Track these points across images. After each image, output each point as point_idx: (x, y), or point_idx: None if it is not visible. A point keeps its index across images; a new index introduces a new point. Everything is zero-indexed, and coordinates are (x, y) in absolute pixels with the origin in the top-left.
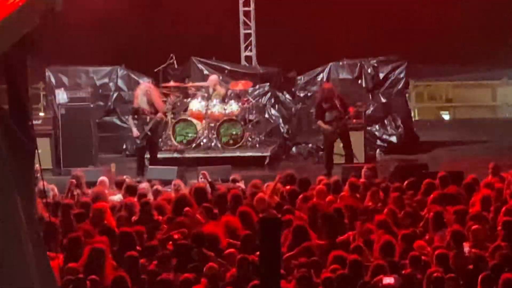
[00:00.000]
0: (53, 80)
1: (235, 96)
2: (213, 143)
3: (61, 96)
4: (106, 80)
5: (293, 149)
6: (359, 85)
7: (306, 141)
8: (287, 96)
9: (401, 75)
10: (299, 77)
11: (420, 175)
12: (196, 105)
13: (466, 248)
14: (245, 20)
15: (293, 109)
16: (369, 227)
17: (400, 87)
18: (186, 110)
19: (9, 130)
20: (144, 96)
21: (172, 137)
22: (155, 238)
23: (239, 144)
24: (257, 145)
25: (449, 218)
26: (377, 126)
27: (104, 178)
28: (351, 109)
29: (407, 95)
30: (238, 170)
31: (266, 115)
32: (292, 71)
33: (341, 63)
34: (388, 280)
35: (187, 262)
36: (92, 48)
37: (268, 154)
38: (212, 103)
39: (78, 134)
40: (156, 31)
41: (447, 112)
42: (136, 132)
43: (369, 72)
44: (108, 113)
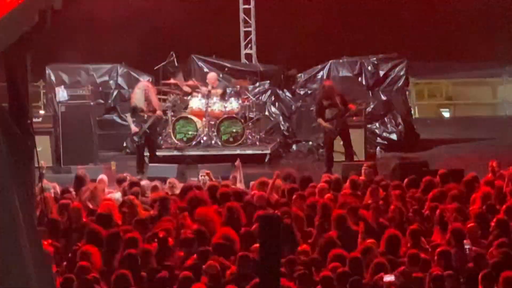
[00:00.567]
0: (53, 78)
1: (235, 94)
2: (213, 141)
3: (61, 94)
4: (106, 78)
5: (293, 147)
6: (359, 83)
7: (306, 139)
8: (287, 94)
9: (401, 73)
10: (299, 75)
11: (420, 173)
12: (196, 103)
13: (467, 246)
14: (245, 18)
15: (293, 107)
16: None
17: (400, 85)
18: (186, 108)
19: (8, 128)
20: (142, 94)
21: (172, 135)
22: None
23: (239, 142)
24: (257, 143)
25: (449, 216)
26: (377, 124)
27: (104, 176)
28: (352, 106)
29: (407, 93)
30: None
31: (266, 113)
32: (292, 69)
33: (341, 61)
34: (389, 278)
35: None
36: (92, 46)
37: (268, 152)
38: (212, 101)
39: (78, 132)
40: (157, 29)
41: (447, 110)
42: (135, 128)
43: (369, 70)
44: (108, 111)
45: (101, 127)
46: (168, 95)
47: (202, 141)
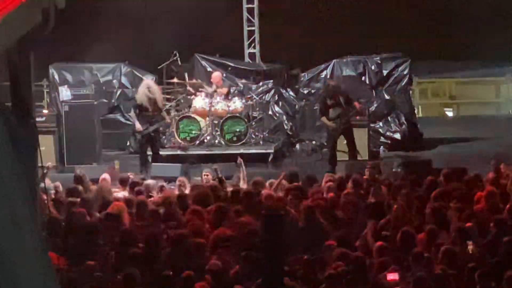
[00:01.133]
0: (57, 77)
1: (239, 93)
2: (217, 140)
3: (65, 93)
4: (110, 77)
5: (297, 146)
6: (363, 82)
7: (310, 138)
8: (291, 93)
9: (405, 72)
10: (303, 74)
11: (424, 172)
12: (200, 102)
13: (470, 247)
14: (249, 17)
15: (297, 106)
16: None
17: (404, 84)
18: (190, 107)
19: (11, 128)
20: (146, 93)
21: (176, 134)
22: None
23: (243, 141)
24: (261, 142)
25: (452, 215)
26: (381, 123)
27: (107, 175)
28: (357, 104)
29: (411, 92)
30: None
31: (270, 112)
32: (296, 68)
33: (345, 60)
34: (392, 276)
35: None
36: (96, 45)
37: (272, 151)
38: (216, 100)
39: (82, 131)
40: (160, 28)
41: (451, 109)
42: (139, 127)
43: (373, 69)
44: (112, 110)
45: (105, 127)
46: (172, 94)
47: (206, 140)
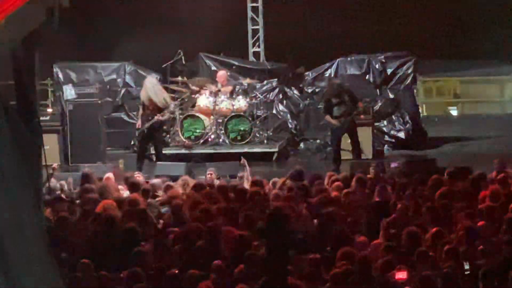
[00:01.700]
0: (61, 76)
1: (243, 92)
2: (221, 139)
3: (69, 92)
4: (114, 76)
5: (301, 145)
6: (367, 81)
7: (314, 137)
8: (295, 92)
9: (409, 71)
10: (307, 73)
11: (428, 171)
12: (204, 101)
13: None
14: (253, 16)
15: (301, 105)
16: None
17: (408, 83)
18: (194, 106)
19: (16, 127)
20: (145, 91)
21: (180, 133)
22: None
23: (247, 140)
24: (265, 141)
25: (456, 214)
26: (385, 122)
27: (111, 174)
28: (360, 104)
29: (415, 91)
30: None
31: (274, 111)
32: (300, 67)
33: (349, 59)
34: (401, 275)
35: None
36: (100, 44)
37: (276, 150)
38: (220, 99)
39: (86, 130)
40: (164, 27)
41: (455, 108)
42: (138, 124)
43: (377, 68)
44: (116, 109)
45: (109, 125)
46: (177, 93)
47: (210, 139)
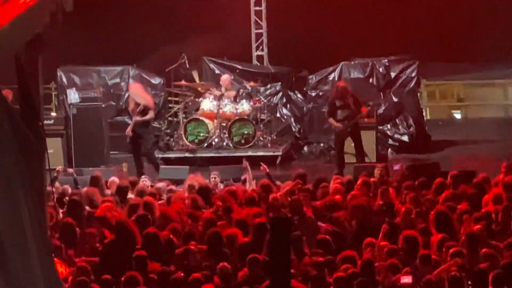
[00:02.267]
0: (65, 80)
1: (247, 96)
2: (225, 143)
3: (73, 96)
4: (118, 80)
5: (305, 149)
6: (371, 84)
7: (318, 141)
8: (299, 96)
9: (413, 74)
10: (311, 77)
11: (432, 174)
12: (208, 105)
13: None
14: (257, 20)
15: (305, 109)
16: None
17: (412, 86)
18: (198, 110)
19: (19, 131)
20: (131, 96)
21: (184, 137)
22: None
23: (251, 144)
24: (269, 145)
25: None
26: (389, 125)
27: (115, 178)
28: (364, 109)
29: (419, 94)
30: (250, 170)
31: (278, 115)
32: (304, 71)
33: (353, 62)
34: (406, 280)
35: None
36: (104, 48)
37: (280, 154)
38: (224, 103)
39: (90, 134)
40: (168, 31)
41: (459, 111)
42: (127, 130)
43: (381, 71)
44: (120, 113)
45: (113, 129)
46: (180, 97)
47: (214, 143)
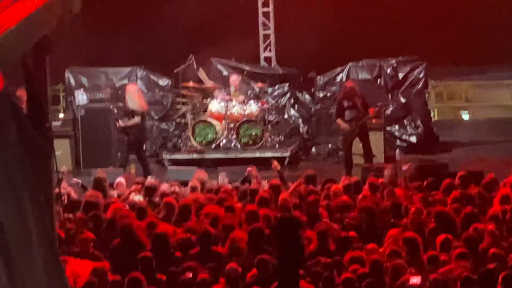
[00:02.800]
0: (73, 81)
1: (255, 97)
2: (233, 144)
3: (81, 97)
4: (126, 81)
5: (313, 150)
6: (379, 85)
7: (326, 141)
8: (307, 97)
9: (421, 75)
10: (318, 78)
11: (440, 175)
12: (216, 106)
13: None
14: (264, 21)
15: (313, 110)
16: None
17: (420, 87)
18: (206, 111)
19: (26, 132)
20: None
21: (192, 138)
22: None
23: (259, 145)
24: (277, 146)
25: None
26: (397, 126)
27: (122, 179)
28: (371, 110)
29: (427, 95)
30: (258, 171)
31: (286, 116)
32: (311, 72)
33: (360, 63)
34: (415, 280)
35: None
36: (112, 49)
37: (288, 155)
38: (232, 104)
39: (98, 135)
40: (175, 32)
41: (467, 112)
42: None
43: (389, 72)
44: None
45: (121, 130)
46: (188, 98)
47: (222, 144)
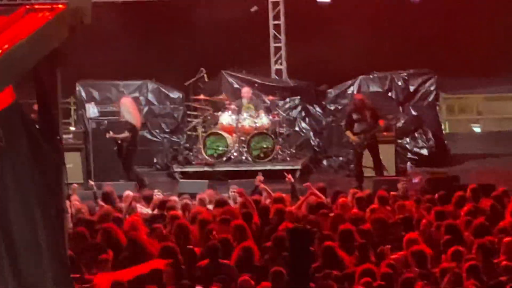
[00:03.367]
0: (84, 94)
1: (266, 110)
2: (244, 157)
3: (92, 110)
4: (137, 94)
5: (324, 162)
6: (390, 98)
7: (337, 154)
8: (318, 109)
9: (432, 88)
10: (330, 90)
11: (451, 188)
12: (227, 119)
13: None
14: (275, 34)
15: (324, 122)
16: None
17: (431, 100)
18: (217, 124)
19: (37, 145)
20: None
21: (203, 151)
22: None
23: (270, 158)
24: (288, 158)
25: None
26: (408, 139)
27: (129, 192)
28: (382, 122)
29: (438, 108)
30: (269, 184)
31: (297, 128)
32: (323, 84)
33: (371, 76)
34: None
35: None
36: (123, 62)
37: (299, 167)
38: (243, 117)
39: (109, 148)
40: (187, 45)
41: (478, 125)
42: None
43: (400, 85)
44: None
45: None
46: (199, 111)
47: (233, 157)
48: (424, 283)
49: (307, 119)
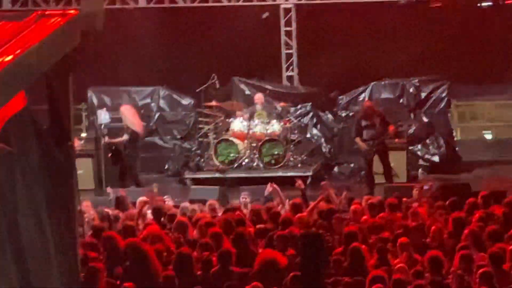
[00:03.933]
0: (95, 101)
1: (277, 116)
2: (255, 163)
3: (103, 117)
4: (148, 101)
5: (335, 169)
6: (401, 105)
7: (348, 161)
8: (329, 116)
9: (443, 95)
10: (341, 97)
11: (463, 195)
12: (238, 125)
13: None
14: (287, 40)
15: (335, 129)
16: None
17: (442, 107)
18: (228, 130)
19: (48, 151)
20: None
21: (214, 157)
22: None
23: (281, 164)
24: (299, 165)
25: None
26: (419, 146)
27: (144, 198)
28: (391, 128)
29: (449, 115)
30: (280, 190)
31: (308, 135)
32: (334, 91)
33: (383, 83)
34: None
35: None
36: (134, 68)
37: (310, 174)
38: (254, 123)
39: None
40: (198, 51)
41: (489, 132)
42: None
43: (411, 92)
44: (150, 133)
45: (143, 150)
46: (210, 118)
47: (244, 163)
48: None
49: (319, 126)
